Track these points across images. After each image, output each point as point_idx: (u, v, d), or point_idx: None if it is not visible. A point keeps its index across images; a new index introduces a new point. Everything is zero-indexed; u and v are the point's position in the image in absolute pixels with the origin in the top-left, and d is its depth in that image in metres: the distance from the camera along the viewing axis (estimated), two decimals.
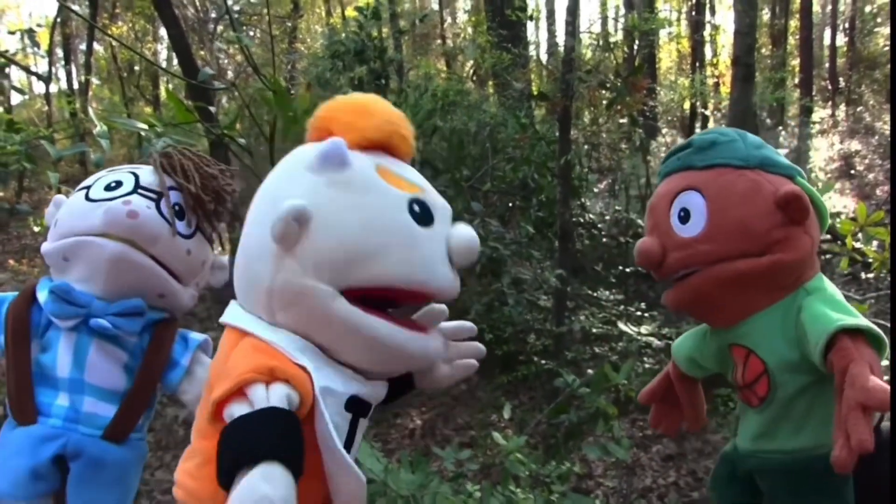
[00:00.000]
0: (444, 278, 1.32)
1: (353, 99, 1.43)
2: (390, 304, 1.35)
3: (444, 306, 1.48)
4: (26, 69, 14.44)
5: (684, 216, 1.61)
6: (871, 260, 3.30)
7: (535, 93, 9.71)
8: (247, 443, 1.08)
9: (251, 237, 1.35)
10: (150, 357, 1.73)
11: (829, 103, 20.67)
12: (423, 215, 1.31)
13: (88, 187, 1.72)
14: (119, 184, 1.71)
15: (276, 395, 1.15)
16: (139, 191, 1.70)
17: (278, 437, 1.10)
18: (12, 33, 7.59)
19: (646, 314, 8.15)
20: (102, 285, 1.65)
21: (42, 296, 1.68)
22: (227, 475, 1.06)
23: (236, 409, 1.14)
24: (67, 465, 1.63)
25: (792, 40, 21.59)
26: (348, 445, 1.30)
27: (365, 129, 1.35)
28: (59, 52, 17.31)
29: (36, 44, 7.73)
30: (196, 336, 1.83)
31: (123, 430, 1.69)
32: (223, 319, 1.36)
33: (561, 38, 9.93)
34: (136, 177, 1.73)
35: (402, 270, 1.26)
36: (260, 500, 0.99)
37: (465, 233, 1.35)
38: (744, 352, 1.63)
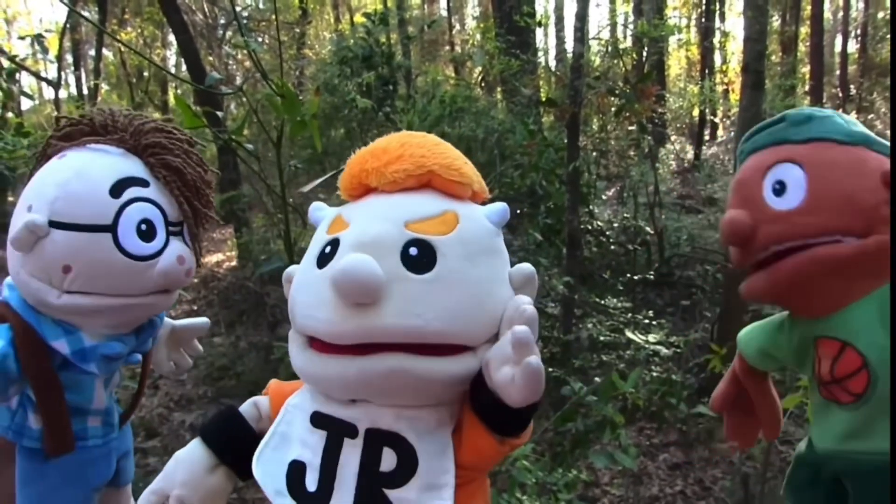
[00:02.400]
0: (323, 320, 1.18)
1: None
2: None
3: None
4: (36, 74, 14.49)
5: (779, 189, 1.45)
6: None
7: (544, 99, 9.70)
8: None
9: None
10: (147, 354, 1.77)
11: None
12: (328, 256, 1.23)
13: (111, 230, 1.47)
14: (151, 227, 1.52)
15: (248, 401, 1.46)
16: (170, 229, 1.56)
17: (211, 422, 1.44)
18: (22, 38, 7.61)
19: (654, 322, 8.14)
20: (131, 328, 1.62)
21: (61, 345, 1.52)
22: None
23: None
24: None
25: (802, 47, 21.55)
26: (330, 464, 1.26)
27: (342, 180, 1.37)
28: (69, 58, 17.39)
29: (45, 49, 7.73)
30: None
31: (130, 415, 1.78)
32: None
33: (570, 45, 9.92)
34: (161, 210, 1.54)
35: (298, 319, 1.27)
36: (171, 460, 1.38)
37: (339, 262, 1.14)
38: (836, 345, 1.47)
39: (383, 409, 1.27)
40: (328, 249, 1.24)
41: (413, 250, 1.20)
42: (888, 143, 1.48)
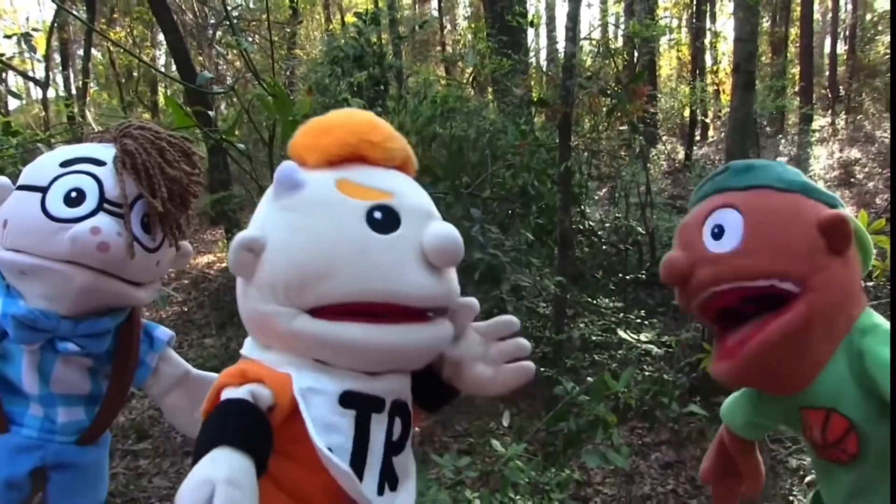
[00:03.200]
0: (411, 284, 1.25)
1: (317, 120, 1.41)
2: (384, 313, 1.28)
3: (469, 302, 1.43)
4: (23, 74, 14.41)
5: (718, 232, 1.48)
6: (871, 268, 3.28)
7: (536, 99, 9.71)
8: (202, 438, 1.13)
9: None
10: (119, 364, 1.72)
11: (829, 111, 20.73)
12: (385, 221, 1.27)
13: (43, 191, 1.55)
14: (81, 195, 1.55)
15: (240, 391, 1.19)
16: (104, 206, 1.56)
17: (228, 424, 1.14)
18: (8, 37, 7.53)
19: (645, 322, 8.15)
20: (69, 308, 1.58)
21: None
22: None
23: None
24: (45, 475, 1.65)
25: (792, 48, 21.65)
26: (362, 442, 1.28)
27: (325, 146, 1.34)
28: (57, 58, 17.30)
29: (32, 48, 7.67)
30: (161, 334, 1.82)
31: (98, 434, 1.72)
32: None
33: (561, 45, 9.93)
34: (100, 185, 1.57)
35: (354, 284, 1.23)
36: (202, 482, 1.00)
37: (436, 230, 1.27)
38: (821, 413, 1.47)
39: (403, 378, 1.37)
40: (378, 215, 1.26)
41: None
42: (826, 191, 1.52)
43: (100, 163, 1.61)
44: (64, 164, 1.59)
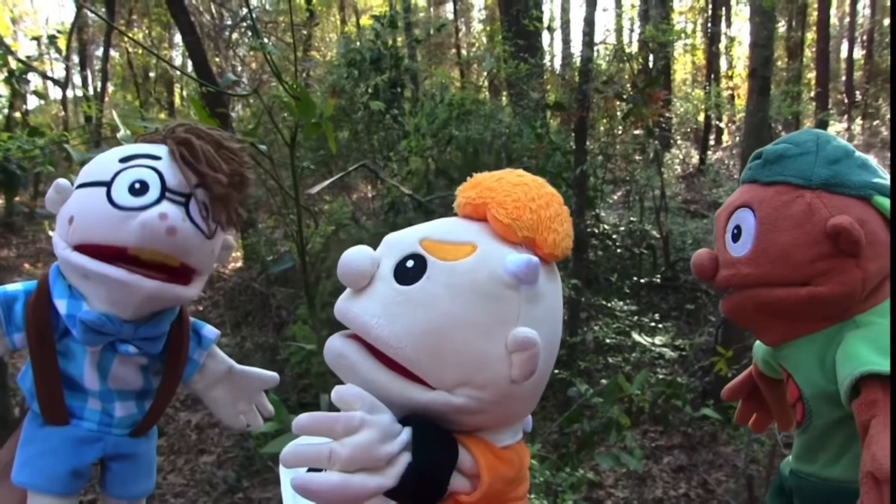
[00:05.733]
0: None
1: (525, 196, 1.30)
2: None
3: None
4: (43, 75, 14.54)
5: (737, 234, 1.53)
6: None
7: (551, 103, 9.73)
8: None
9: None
10: (172, 360, 1.77)
11: (846, 117, 20.63)
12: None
13: (108, 185, 1.60)
14: (144, 186, 1.59)
15: None
16: (167, 195, 1.60)
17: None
18: (34, 39, 7.64)
19: (659, 325, 8.16)
20: (131, 314, 1.62)
21: (61, 305, 1.62)
22: None
23: None
24: (104, 464, 1.72)
25: (808, 53, 21.57)
26: None
27: (517, 228, 1.25)
28: (75, 58, 17.43)
29: (58, 49, 7.78)
30: (209, 333, 1.87)
31: (149, 427, 1.78)
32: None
33: (576, 49, 9.95)
34: (161, 176, 1.61)
35: None
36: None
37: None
38: (785, 373, 1.57)
39: None
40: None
41: (410, 262, 1.23)
42: (862, 183, 1.47)
43: (156, 157, 1.67)
44: (123, 160, 1.64)
